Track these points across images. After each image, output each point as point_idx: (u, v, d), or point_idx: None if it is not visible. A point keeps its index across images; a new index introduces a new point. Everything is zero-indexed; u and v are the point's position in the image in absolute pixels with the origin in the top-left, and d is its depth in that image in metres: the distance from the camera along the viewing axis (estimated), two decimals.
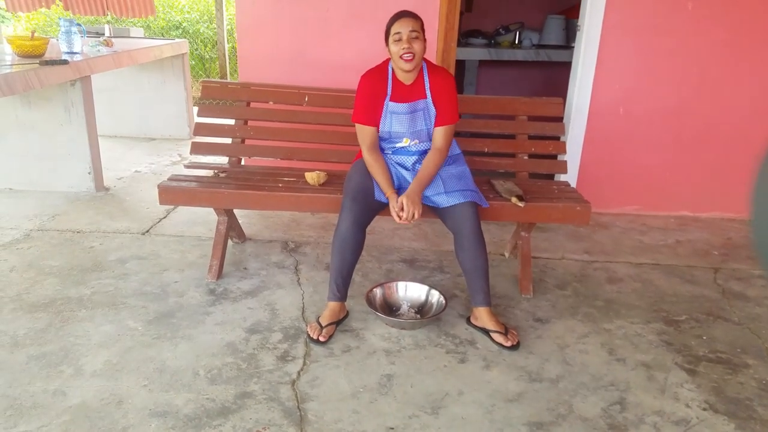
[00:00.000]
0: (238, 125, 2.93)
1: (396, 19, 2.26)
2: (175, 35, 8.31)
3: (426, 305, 2.46)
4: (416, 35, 2.23)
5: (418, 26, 2.25)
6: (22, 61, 3.42)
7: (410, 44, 2.22)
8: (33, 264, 2.78)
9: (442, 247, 3.18)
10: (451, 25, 3.50)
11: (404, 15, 2.26)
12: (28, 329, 2.25)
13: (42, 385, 1.93)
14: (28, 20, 8.70)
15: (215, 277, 2.68)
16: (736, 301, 2.71)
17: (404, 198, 2.22)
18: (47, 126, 3.68)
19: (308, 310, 2.47)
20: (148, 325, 2.30)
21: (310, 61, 3.63)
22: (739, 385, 2.08)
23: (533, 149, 2.92)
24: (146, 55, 4.60)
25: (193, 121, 5.32)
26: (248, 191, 2.55)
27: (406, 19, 2.23)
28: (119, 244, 3.05)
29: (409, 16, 2.26)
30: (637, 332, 2.40)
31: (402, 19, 2.24)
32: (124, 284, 2.62)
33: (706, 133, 3.64)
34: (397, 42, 2.24)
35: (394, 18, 2.27)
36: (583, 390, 2.02)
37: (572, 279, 2.87)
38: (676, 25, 3.43)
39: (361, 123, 2.36)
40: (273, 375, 2.02)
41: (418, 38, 2.24)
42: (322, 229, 3.35)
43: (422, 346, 2.23)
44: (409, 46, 2.22)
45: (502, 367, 2.13)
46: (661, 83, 3.54)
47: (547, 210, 2.55)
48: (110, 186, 3.97)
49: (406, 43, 2.22)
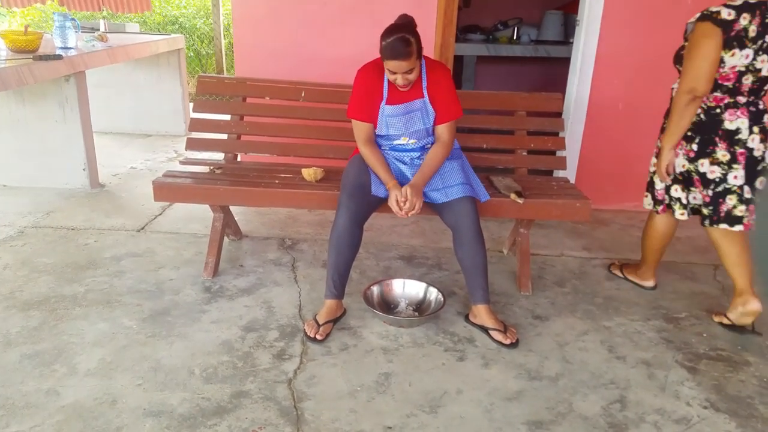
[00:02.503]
0: (234, 121, 2.89)
1: (389, 57, 2.11)
2: (171, 30, 8.25)
3: (424, 303, 2.44)
4: (410, 70, 2.15)
5: (412, 62, 2.12)
6: (15, 56, 3.38)
7: (405, 80, 2.18)
8: (27, 261, 2.75)
9: (440, 243, 3.15)
10: (449, 20, 3.47)
11: (396, 55, 2.09)
12: (21, 327, 2.22)
13: (35, 385, 1.90)
14: (24, 16, 8.63)
15: (211, 274, 2.65)
16: None
17: (408, 188, 2.19)
18: (41, 122, 3.64)
19: (305, 307, 2.45)
20: (142, 323, 2.28)
21: (306, 55, 3.60)
22: (740, 383, 2.07)
23: (532, 145, 2.89)
24: (142, 51, 4.56)
25: (189, 117, 5.28)
26: (244, 188, 2.53)
27: (398, 62, 2.11)
28: (114, 241, 3.02)
29: (402, 56, 2.09)
30: (636, 329, 2.38)
31: (395, 61, 2.11)
32: (118, 282, 2.59)
33: None
34: (391, 74, 2.18)
35: (388, 53, 2.11)
36: (583, 388, 2.00)
37: (571, 276, 2.85)
38: (676, 20, 3.39)
39: (356, 119, 2.33)
40: (269, 374, 2.00)
41: (413, 69, 2.16)
42: (320, 226, 3.33)
43: (420, 344, 2.21)
44: (405, 82, 2.19)
45: (501, 365, 2.11)
46: (661, 78, 3.50)
47: (546, 207, 2.53)
48: (105, 183, 3.93)
49: (401, 79, 2.17)
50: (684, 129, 2.30)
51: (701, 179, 2.34)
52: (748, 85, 2.21)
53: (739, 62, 2.17)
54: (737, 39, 2.14)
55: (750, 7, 2.12)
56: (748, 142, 2.24)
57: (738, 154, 2.26)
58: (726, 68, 2.19)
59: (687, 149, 2.35)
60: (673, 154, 2.36)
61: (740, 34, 2.13)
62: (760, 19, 2.12)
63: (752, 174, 2.28)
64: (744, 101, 2.24)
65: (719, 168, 2.30)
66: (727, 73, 2.20)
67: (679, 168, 2.39)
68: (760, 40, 2.14)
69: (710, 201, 2.34)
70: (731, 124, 2.25)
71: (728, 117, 2.25)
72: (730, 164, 2.28)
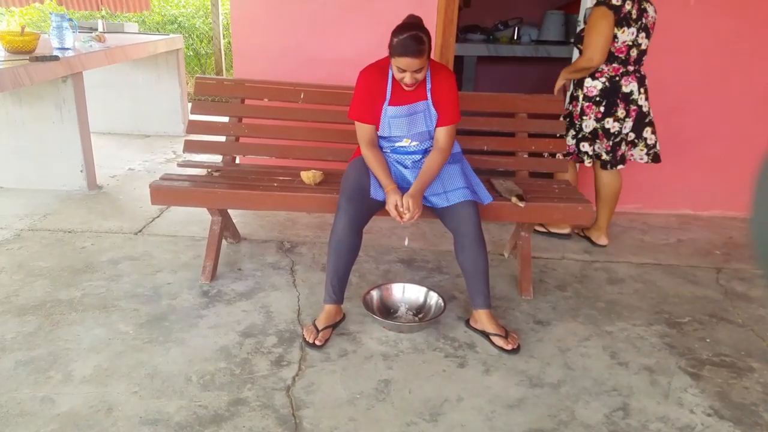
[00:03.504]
0: (232, 123, 2.86)
1: (401, 53, 2.10)
2: (170, 30, 8.22)
3: (424, 307, 2.41)
4: (420, 69, 2.14)
5: (423, 61, 2.11)
6: (11, 57, 3.35)
7: (413, 78, 2.16)
8: (23, 265, 2.72)
9: (440, 246, 3.12)
10: (449, 20, 3.44)
11: (409, 53, 2.08)
12: (17, 333, 2.19)
13: (30, 392, 1.88)
14: (22, 15, 8.60)
15: (209, 278, 2.62)
16: (740, 302, 2.67)
17: (410, 199, 2.17)
18: (38, 123, 3.62)
19: (304, 312, 2.42)
20: (139, 329, 2.25)
21: (305, 56, 3.56)
22: (744, 390, 2.04)
23: (533, 147, 2.86)
24: (140, 51, 4.53)
25: (187, 117, 5.25)
26: (242, 191, 2.49)
27: (410, 60, 2.09)
28: (111, 244, 2.99)
29: (414, 54, 2.08)
30: (639, 335, 2.36)
31: (407, 58, 2.09)
32: (115, 286, 2.57)
33: (708, 130, 3.59)
34: (399, 71, 2.16)
35: (400, 49, 2.09)
36: (585, 395, 1.98)
37: (573, 280, 2.82)
38: (678, 21, 3.37)
39: (359, 121, 2.30)
40: (267, 381, 1.97)
41: (422, 68, 2.15)
42: (319, 229, 3.30)
43: (421, 350, 2.18)
44: (412, 81, 2.17)
45: (502, 371, 2.08)
46: (663, 80, 3.48)
47: (548, 210, 2.50)
48: (103, 184, 3.91)
49: (409, 78, 2.15)
50: (574, 78, 3.02)
51: (605, 133, 2.97)
52: (633, 57, 2.87)
53: (628, 38, 2.81)
54: (625, 20, 2.78)
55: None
56: (639, 101, 2.92)
57: (631, 110, 2.93)
58: (619, 43, 2.82)
59: (596, 111, 2.95)
60: (564, 82, 3.05)
61: (627, 16, 2.78)
62: (638, 5, 2.80)
63: (639, 125, 2.99)
64: (632, 69, 2.89)
65: (618, 123, 2.95)
66: (620, 47, 2.83)
67: (590, 128, 2.99)
68: (639, 21, 2.81)
69: (610, 149, 3.00)
70: (626, 88, 2.89)
71: (624, 83, 2.89)
72: (625, 119, 2.94)
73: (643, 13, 2.82)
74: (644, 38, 2.84)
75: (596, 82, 2.90)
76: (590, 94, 2.93)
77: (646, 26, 2.83)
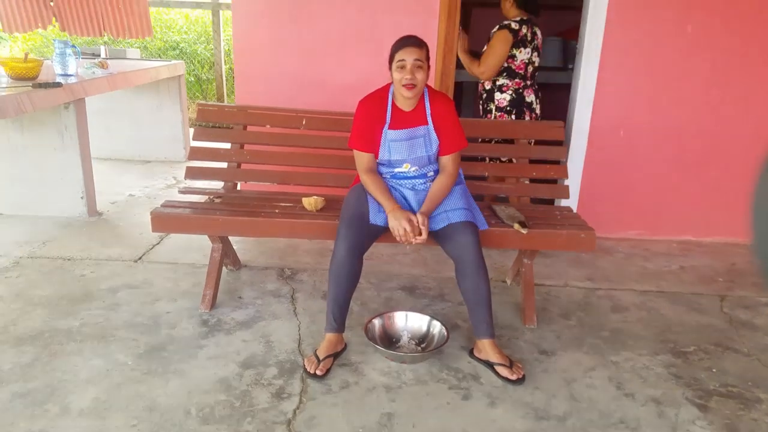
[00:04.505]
0: (234, 149, 2.87)
1: (401, 46, 2.20)
2: (172, 56, 8.29)
3: (427, 336, 2.38)
4: (420, 64, 2.18)
5: (423, 55, 2.19)
6: (15, 83, 3.36)
7: (413, 74, 2.18)
8: (21, 294, 2.69)
9: (442, 273, 3.10)
10: (449, 47, 3.47)
11: (410, 43, 2.19)
12: (14, 364, 2.16)
13: (26, 426, 1.84)
14: (25, 41, 8.68)
15: (209, 307, 2.60)
16: (745, 330, 2.64)
17: (422, 216, 2.18)
18: (40, 150, 3.62)
19: (305, 341, 2.39)
20: (138, 360, 2.22)
21: (308, 82, 3.59)
22: (753, 422, 2.00)
23: (534, 173, 2.86)
24: (142, 77, 4.55)
25: (189, 143, 5.27)
26: (243, 218, 2.48)
27: (411, 48, 2.18)
28: (111, 272, 2.97)
29: (415, 44, 2.19)
30: (645, 365, 2.33)
31: (407, 47, 2.18)
32: (114, 315, 2.54)
33: (709, 156, 3.60)
34: (400, 69, 2.19)
35: (400, 44, 2.21)
36: (592, 428, 1.94)
37: (576, 308, 2.79)
38: (676, 48, 3.40)
39: (357, 149, 2.31)
40: (268, 414, 1.94)
41: (422, 68, 2.19)
42: (320, 255, 3.28)
43: (424, 382, 2.15)
44: (412, 77, 2.18)
45: (507, 404, 2.04)
46: (662, 105, 3.51)
47: (550, 237, 2.49)
48: (103, 210, 3.89)
49: (409, 73, 2.17)
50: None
51: None
52: (530, 72, 3.26)
53: (525, 57, 3.20)
54: (522, 42, 3.17)
55: (525, 22, 3.18)
56: (537, 110, 3.34)
57: (532, 117, 3.31)
58: (518, 61, 3.20)
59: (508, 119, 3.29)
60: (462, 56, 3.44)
61: (524, 38, 3.17)
62: (530, 29, 3.19)
63: None
64: (530, 83, 3.29)
65: None
66: (519, 65, 3.21)
67: None
68: (533, 42, 3.21)
69: None
70: (528, 99, 3.28)
71: (526, 94, 3.27)
72: None
73: (534, 36, 3.21)
74: (536, 56, 3.26)
75: (505, 95, 3.27)
76: (501, 105, 3.29)
77: (536, 46, 3.24)
